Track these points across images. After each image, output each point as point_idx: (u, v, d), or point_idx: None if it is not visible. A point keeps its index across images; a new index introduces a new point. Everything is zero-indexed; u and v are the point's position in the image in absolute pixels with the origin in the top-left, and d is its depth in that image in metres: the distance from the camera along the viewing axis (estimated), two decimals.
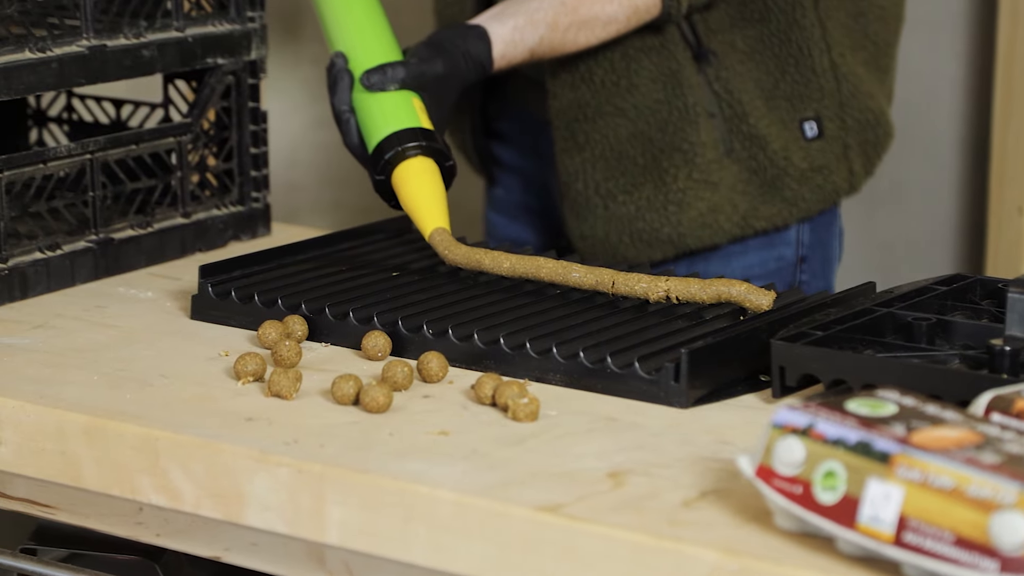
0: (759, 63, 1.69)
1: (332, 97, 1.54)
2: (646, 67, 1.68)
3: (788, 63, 1.70)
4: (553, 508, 1.09)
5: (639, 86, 1.68)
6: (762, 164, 1.70)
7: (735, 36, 1.69)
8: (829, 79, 1.70)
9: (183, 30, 1.64)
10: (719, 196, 1.69)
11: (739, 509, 1.09)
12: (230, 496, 1.19)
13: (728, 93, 1.68)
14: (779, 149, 1.70)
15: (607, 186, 1.70)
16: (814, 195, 1.72)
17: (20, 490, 1.31)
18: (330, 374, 1.32)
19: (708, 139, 1.68)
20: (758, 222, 1.71)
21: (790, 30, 1.69)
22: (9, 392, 1.30)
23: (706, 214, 1.69)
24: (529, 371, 1.32)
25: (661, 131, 1.68)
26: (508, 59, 1.59)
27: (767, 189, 1.70)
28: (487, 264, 1.48)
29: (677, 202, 1.69)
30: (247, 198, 1.73)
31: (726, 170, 1.69)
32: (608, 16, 1.61)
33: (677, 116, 1.68)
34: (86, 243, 1.59)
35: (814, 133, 1.71)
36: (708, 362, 1.28)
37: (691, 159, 1.68)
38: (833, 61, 1.70)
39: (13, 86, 1.50)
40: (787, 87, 1.70)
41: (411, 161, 1.50)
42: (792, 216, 1.72)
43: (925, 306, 1.33)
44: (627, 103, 1.68)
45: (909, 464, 0.98)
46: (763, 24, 1.69)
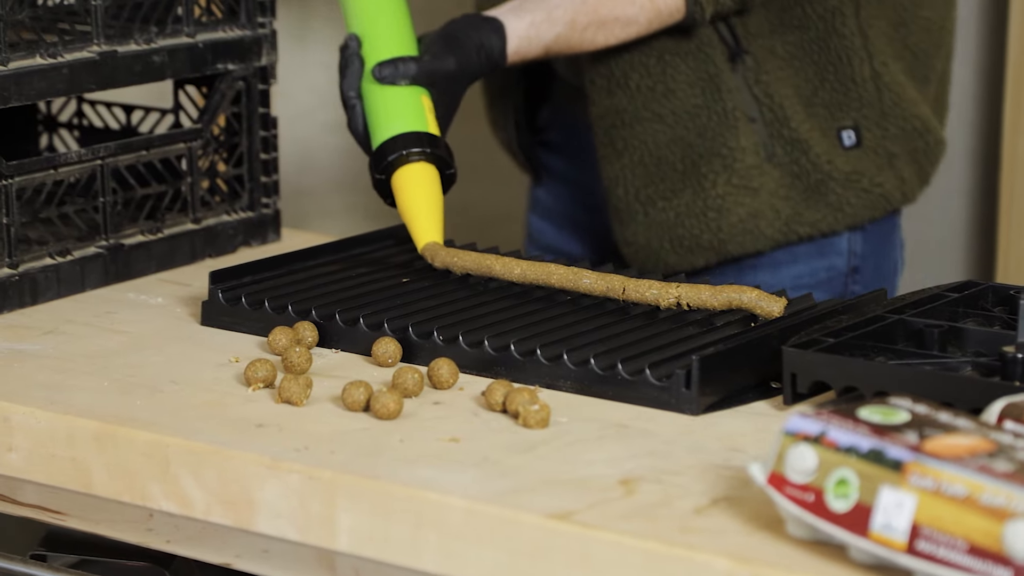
0: (798, 70, 1.68)
1: (341, 81, 1.55)
2: (683, 71, 1.67)
3: (827, 71, 1.68)
4: (564, 515, 1.09)
5: (676, 91, 1.67)
6: (804, 169, 1.68)
7: (775, 42, 1.67)
8: (870, 88, 1.68)
9: (194, 36, 1.64)
10: (760, 201, 1.68)
11: (751, 517, 1.08)
12: (240, 503, 1.19)
13: (768, 97, 1.67)
14: (821, 153, 1.68)
15: (647, 192, 1.69)
16: (860, 200, 1.70)
17: (30, 496, 1.31)
18: (340, 380, 1.32)
19: (748, 144, 1.67)
20: (802, 228, 1.69)
21: (829, 38, 1.67)
22: (19, 398, 1.30)
23: (747, 220, 1.68)
24: (540, 378, 1.32)
25: (700, 136, 1.67)
26: (522, 55, 1.58)
27: (811, 194, 1.68)
28: (497, 270, 1.48)
29: (717, 208, 1.68)
30: (257, 204, 1.73)
31: (767, 175, 1.67)
32: (628, 18, 1.60)
33: (716, 121, 1.67)
34: (96, 249, 1.59)
35: (852, 142, 1.69)
36: (719, 369, 1.27)
37: (730, 164, 1.67)
38: (875, 70, 1.68)
39: (24, 92, 1.50)
40: (826, 95, 1.69)
41: (413, 166, 1.51)
42: (839, 222, 1.70)
43: (937, 313, 1.33)
44: (664, 108, 1.68)
45: (922, 472, 0.98)
46: (802, 31, 1.67)
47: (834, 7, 1.67)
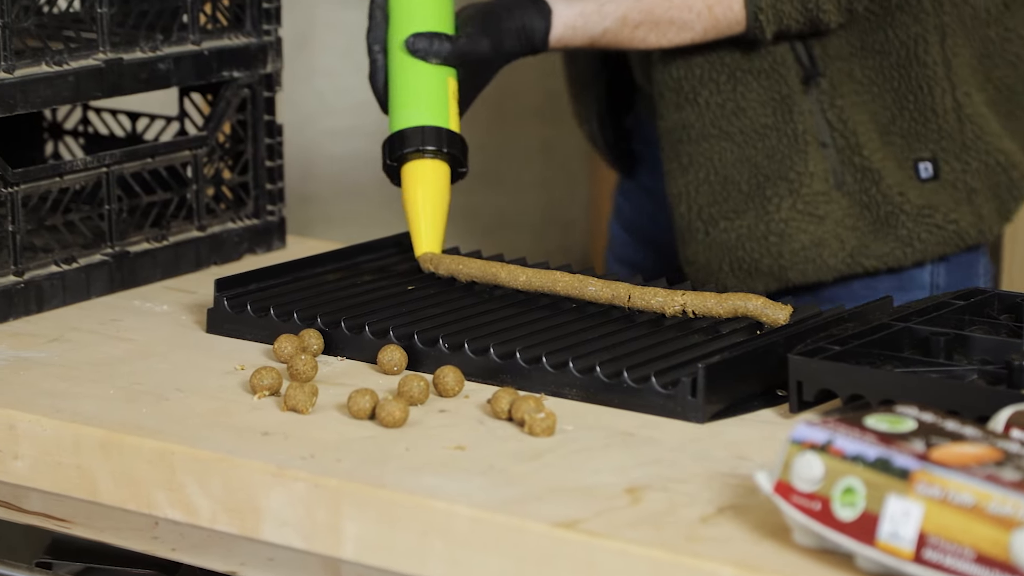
0: (876, 96, 1.64)
1: (368, 33, 1.55)
2: (755, 90, 1.63)
3: (907, 99, 1.64)
4: (570, 524, 1.09)
5: (746, 109, 1.64)
6: (874, 199, 1.63)
7: (853, 65, 1.63)
8: (951, 120, 1.64)
9: (199, 43, 1.64)
10: (824, 230, 1.63)
11: (757, 525, 1.08)
12: (246, 511, 1.19)
13: (842, 123, 1.63)
14: (893, 184, 1.63)
15: (709, 211, 1.66)
16: (932, 236, 1.64)
17: (36, 504, 1.31)
18: (346, 388, 1.32)
19: (817, 169, 1.63)
20: (868, 260, 1.64)
21: (911, 65, 1.63)
22: (25, 406, 1.30)
23: (809, 248, 1.63)
24: (545, 385, 1.32)
25: (768, 158, 1.64)
26: (565, 43, 1.56)
27: (879, 226, 1.64)
28: (503, 277, 1.48)
29: (779, 233, 1.63)
30: (262, 211, 1.73)
31: (834, 203, 1.63)
32: (684, 22, 1.58)
33: (786, 143, 1.63)
34: (102, 256, 1.59)
35: (928, 175, 1.64)
36: (725, 377, 1.27)
37: (796, 189, 1.63)
38: (957, 101, 1.64)
39: (30, 99, 1.50)
40: (904, 124, 1.64)
41: (425, 162, 1.51)
42: (907, 257, 1.65)
43: (943, 321, 1.33)
44: (733, 126, 1.64)
45: (929, 481, 0.98)
46: (883, 56, 1.63)
47: (918, 34, 1.62)
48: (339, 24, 2.56)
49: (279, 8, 1.70)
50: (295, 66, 2.53)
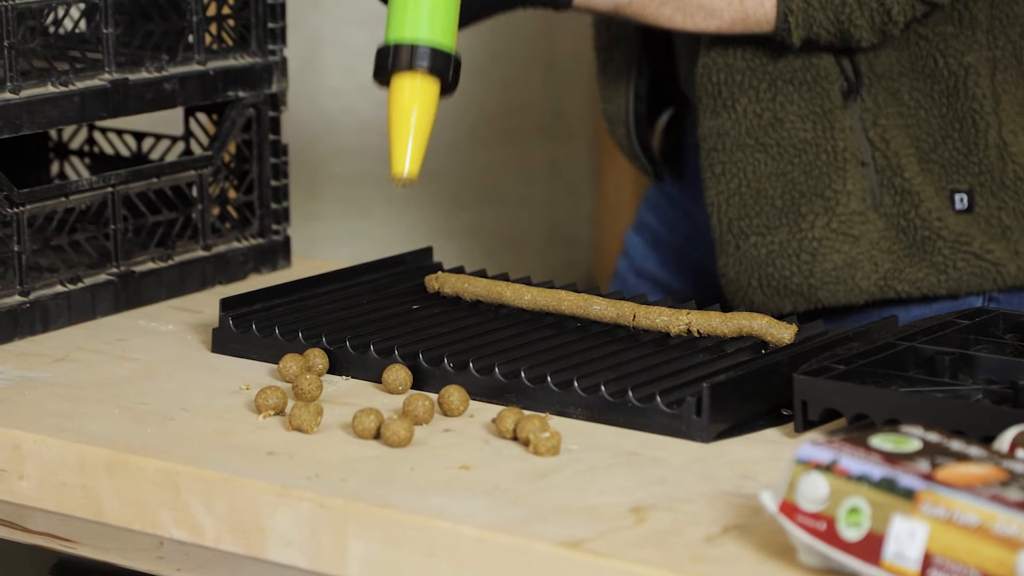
0: (921, 120, 1.60)
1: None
2: (795, 102, 1.59)
3: (952, 128, 1.59)
4: (575, 544, 1.08)
5: (785, 121, 1.59)
6: (912, 223, 1.59)
7: (901, 86, 1.59)
8: (992, 155, 1.59)
9: (204, 64, 1.65)
10: (859, 251, 1.59)
11: (762, 545, 1.08)
12: (251, 531, 1.19)
13: (884, 142, 1.59)
14: (933, 209, 1.59)
15: (739, 224, 1.62)
16: (968, 266, 1.60)
17: (41, 524, 1.31)
18: (351, 408, 1.32)
19: (855, 188, 1.59)
20: (901, 285, 1.59)
21: (958, 95, 1.59)
22: (30, 426, 1.30)
23: (841, 268, 1.59)
24: (550, 405, 1.32)
25: (804, 173, 1.59)
26: (589, 3, 1.51)
27: (915, 251, 1.59)
28: (508, 296, 1.48)
29: (811, 251, 1.59)
30: (267, 231, 1.73)
31: (870, 224, 1.59)
32: (712, 8, 1.53)
33: (824, 160, 1.59)
34: (107, 276, 1.59)
35: (963, 206, 1.60)
36: (730, 396, 1.27)
37: (832, 207, 1.59)
38: (1003, 138, 1.59)
39: (36, 120, 1.51)
40: (945, 153, 1.60)
41: (414, 79, 1.43)
42: (941, 285, 1.60)
43: (948, 340, 1.33)
44: (770, 138, 1.60)
45: (934, 501, 0.98)
46: (932, 81, 1.59)
47: (969, 64, 1.58)
48: (345, 44, 2.56)
49: (284, 28, 1.71)
50: (301, 86, 2.54)
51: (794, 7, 1.53)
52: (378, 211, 2.60)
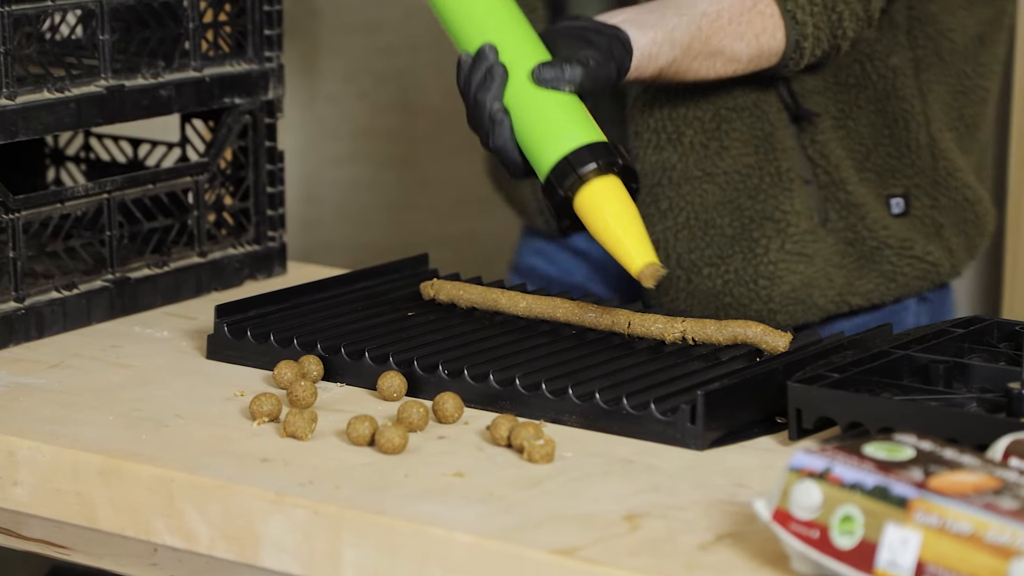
0: (851, 131, 1.61)
1: (484, 93, 1.37)
2: (738, 128, 1.59)
3: (882, 134, 1.61)
4: (569, 551, 1.09)
5: (730, 148, 1.58)
6: (860, 235, 1.61)
7: (829, 100, 1.60)
8: (925, 155, 1.61)
9: (201, 70, 1.65)
10: (813, 270, 1.59)
11: (756, 553, 1.08)
12: (245, 537, 1.19)
13: (824, 159, 1.59)
14: (877, 219, 1.61)
15: (690, 258, 1.61)
16: (913, 271, 1.62)
17: (36, 531, 1.31)
18: (345, 415, 1.32)
19: (803, 208, 1.59)
20: (854, 298, 1.61)
21: (887, 99, 1.60)
22: (25, 432, 1.30)
23: (799, 289, 1.59)
24: (545, 412, 1.32)
25: (751, 198, 1.59)
26: (640, 73, 1.44)
27: (865, 262, 1.61)
28: (503, 304, 1.48)
29: (768, 275, 1.59)
30: (263, 237, 1.73)
31: (821, 241, 1.59)
32: (734, 53, 1.49)
33: (769, 182, 1.59)
34: (103, 282, 1.59)
35: (900, 210, 1.62)
36: (724, 404, 1.27)
37: (783, 228, 1.59)
38: (932, 136, 1.61)
39: (32, 126, 1.51)
40: (879, 159, 1.61)
41: (606, 179, 1.35)
42: (889, 293, 1.62)
43: (942, 349, 1.33)
44: (717, 167, 1.59)
45: (927, 509, 0.98)
46: (859, 90, 1.60)
47: (895, 66, 1.60)
48: (343, 50, 2.57)
49: (281, 35, 1.71)
50: (298, 92, 2.54)
51: (807, 32, 1.51)
52: (374, 218, 2.61)
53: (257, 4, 1.69)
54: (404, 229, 2.60)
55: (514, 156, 1.39)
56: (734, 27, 1.48)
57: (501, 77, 1.38)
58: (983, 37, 1.66)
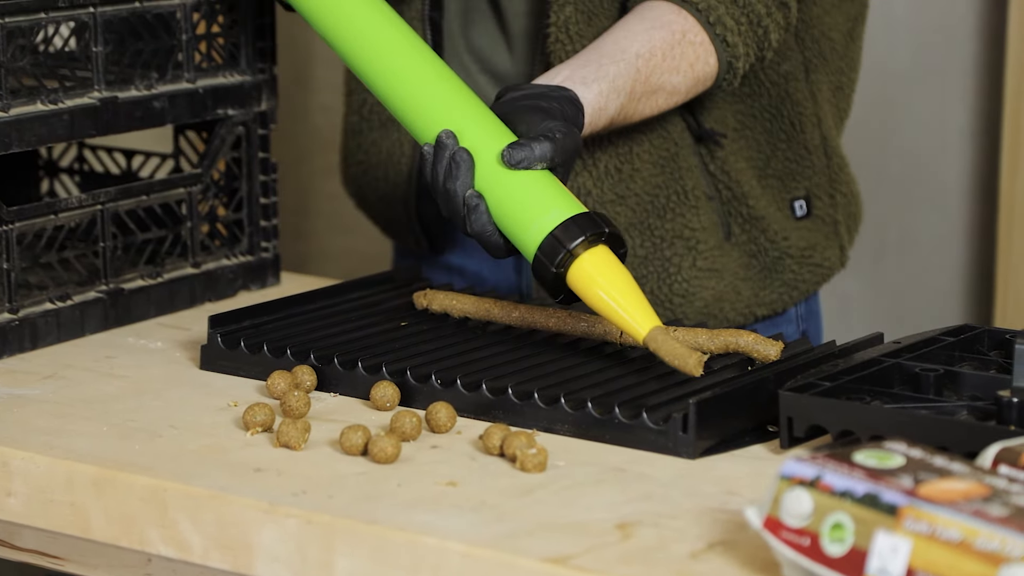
0: (750, 140, 1.63)
1: (452, 183, 1.36)
2: (647, 150, 1.60)
3: (779, 139, 1.63)
4: (561, 559, 1.09)
5: (641, 171, 1.59)
6: (762, 247, 1.63)
7: (726, 113, 1.62)
8: (820, 155, 1.64)
9: (194, 81, 1.65)
10: (724, 284, 1.62)
11: (747, 561, 1.08)
12: (239, 547, 1.19)
13: (725, 174, 1.61)
14: (778, 230, 1.63)
15: None
16: (812, 275, 1.66)
17: (29, 541, 1.31)
18: (339, 424, 1.32)
19: (708, 223, 1.61)
20: (760, 309, 1.64)
21: (782, 105, 1.63)
22: (19, 443, 1.30)
23: (712, 304, 1.62)
24: (537, 421, 1.32)
25: (660, 218, 1.60)
26: (592, 128, 1.45)
27: (767, 273, 1.64)
28: (496, 313, 1.49)
29: (683, 293, 1.61)
30: (257, 248, 1.73)
31: (727, 256, 1.62)
32: (672, 87, 1.51)
33: (676, 201, 1.60)
34: (96, 293, 1.59)
35: (803, 212, 1.64)
36: (716, 412, 1.28)
37: (693, 246, 1.60)
38: (824, 135, 1.64)
39: (25, 138, 1.51)
40: (778, 165, 1.63)
41: (596, 251, 1.34)
42: (791, 299, 1.65)
43: (933, 357, 1.33)
44: (628, 190, 1.60)
45: (917, 516, 0.98)
46: (754, 99, 1.62)
47: (787, 72, 1.63)
48: (336, 61, 2.57)
49: (274, 47, 1.71)
50: (292, 103, 2.54)
51: (739, 53, 1.53)
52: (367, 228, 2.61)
53: (250, 16, 1.69)
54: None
55: (495, 239, 1.38)
56: (668, 62, 1.50)
57: (467, 163, 1.37)
58: (851, 32, 1.69)
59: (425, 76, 1.43)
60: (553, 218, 1.35)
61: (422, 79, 1.43)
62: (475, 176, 1.38)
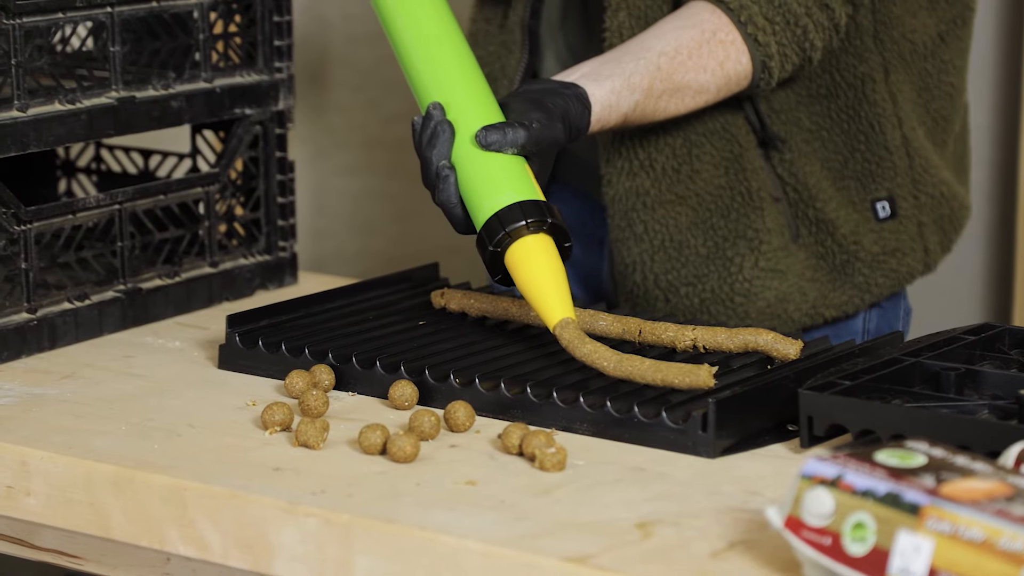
0: (826, 142, 1.63)
1: (430, 151, 1.42)
2: (708, 152, 1.61)
3: (858, 140, 1.63)
4: (581, 559, 1.09)
5: (701, 172, 1.61)
6: (830, 249, 1.63)
7: (800, 114, 1.62)
8: (902, 156, 1.63)
9: (211, 81, 1.65)
10: (788, 284, 1.62)
11: (768, 560, 1.08)
12: (258, 547, 1.19)
13: (793, 176, 1.62)
14: (848, 233, 1.63)
15: (667, 278, 1.63)
16: (887, 280, 1.65)
17: (49, 541, 1.31)
18: (357, 423, 1.32)
19: (774, 225, 1.62)
20: (828, 311, 1.64)
21: (859, 106, 1.62)
22: (38, 443, 1.30)
23: (775, 304, 1.62)
24: (556, 420, 1.32)
25: (724, 218, 1.62)
26: (603, 123, 1.48)
27: (837, 275, 1.64)
28: (514, 312, 1.49)
29: (744, 292, 1.62)
30: (274, 247, 1.73)
31: (793, 257, 1.62)
32: (700, 85, 1.52)
33: (740, 202, 1.61)
34: (114, 293, 1.59)
35: (887, 214, 1.64)
36: (736, 412, 1.27)
37: (756, 246, 1.62)
38: (905, 136, 1.63)
39: (43, 137, 1.51)
40: (857, 166, 1.63)
41: (535, 238, 1.38)
42: (863, 303, 1.65)
43: (953, 356, 1.33)
44: (689, 190, 1.62)
45: (939, 516, 0.98)
46: (830, 100, 1.62)
47: (864, 73, 1.62)
48: (352, 61, 2.57)
49: (291, 46, 1.71)
50: (308, 102, 2.54)
51: (772, 51, 1.54)
52: (384, 227, 2.61)
53: (267, 15, 1.69)
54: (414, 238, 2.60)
55: (457, 212, 1.42)
56: (695, 60, 1.51)
57: (446, 134, 1.42)
58: (944, 35, 1.68)
59: (434, 54, 1.48)
60: (503, 200, 1.39)
61: (431, 56, 1.48)
62: (453, 150, 1.42)
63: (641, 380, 1.30)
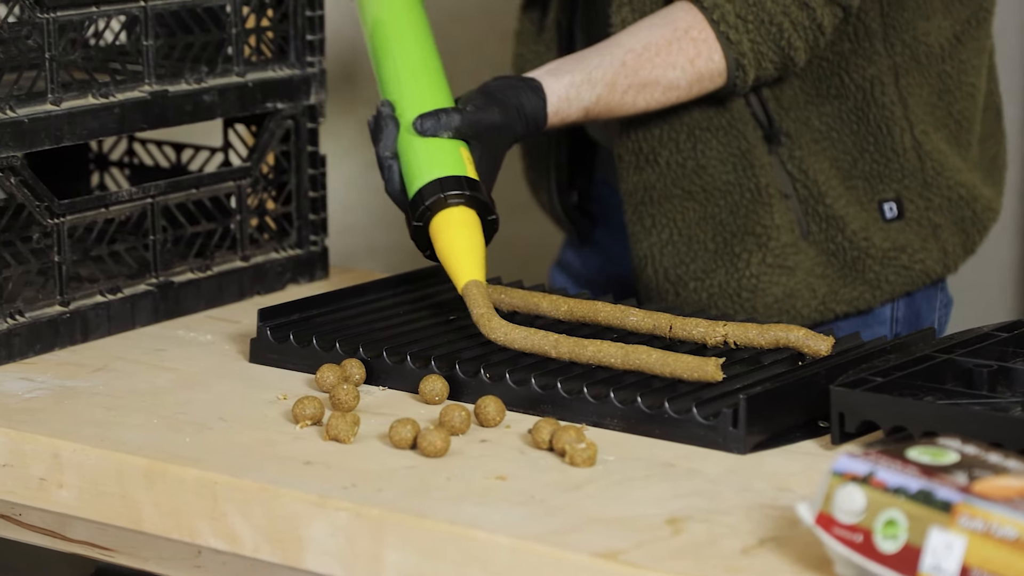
0: (835, 142, 1.64)
1: (376, 145, 1.50)
2: (714, 147, 1.62)
3: (867, 142, 1.63)
4: (611, 555, 1.09)
5: (707, 167, 1.63)
6: (840, 246, 1.64)
7: (810, 114, 1.63)
8: (911, 158, 1.63)
9: (243, 75, 1.66)
10: (796, 281, 1.63)
11: (799, 557, 1.08)
12: (288, 540, 1.20)
13: (803, 173, 1.63)
14: (858, 230, 1.64)
15: (676, 272, 1.65)
16: (900, 277, 1.65)
17: (81, 533, 1.32)
18: (388, 418, 1.33)
19: (783, 221, 1.63)
20: (839, 306, 1.64)
21: (868, 108, 1.63)
22: (71, 435, 1.31)
23: (782, 300, 1.63)
24: (586, 416, 1.32)
25: (732, 213, 1.63)
26: (562, 116, 1.53)
27: (847, 272, 1.64)
28: (544, 307, 1.48)
29: (751, 288, 1.63)
30: (305, 241, 1.74)
31: (803, 253, 1.63)
32: (669, 81, 1.55)
33: (749, 198, 1.62)
34: (146, 286, 1.60)
35: (893, 214, 1.64)
36: (766, 408, 1.27)
37: (764, 243, 1.63)
38: (916, 139, 1.63)
39: (76, 131, 1.52)
40: (865, 167, 1.64)
41: (452, 210, 1.44)
42: (876, 298, 1.65)
43: (986, 353, 1.32)
44: (695, 185, 1.63)
45: (972, 513, 0.97)
46: (840, 101, 1.63)
47: (873, 76, 1.63)
48: None
49: (323, 40, 1.71)
50: (340, 96, 2.54)
51: (744, 49, 1.56)
52: None
53: (299, 9, 1.70)
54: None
55: (401, 200, 1.49)
56: (663, 57, 1.54)
57: (391, 128, 1.49)
58: (960, 36, 1.68)
59: (394, 54, 1.56)
60: (427, 177, 1.46)
61: (390, 56, 1.57)
62: (398, 142, 1.49)
63: (649, 372, 1.31)
